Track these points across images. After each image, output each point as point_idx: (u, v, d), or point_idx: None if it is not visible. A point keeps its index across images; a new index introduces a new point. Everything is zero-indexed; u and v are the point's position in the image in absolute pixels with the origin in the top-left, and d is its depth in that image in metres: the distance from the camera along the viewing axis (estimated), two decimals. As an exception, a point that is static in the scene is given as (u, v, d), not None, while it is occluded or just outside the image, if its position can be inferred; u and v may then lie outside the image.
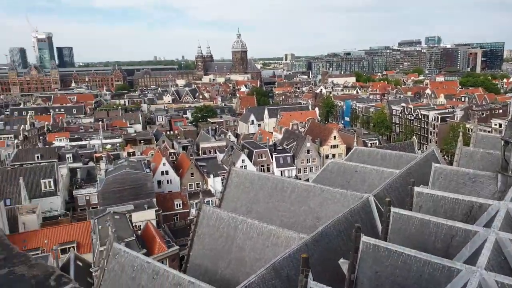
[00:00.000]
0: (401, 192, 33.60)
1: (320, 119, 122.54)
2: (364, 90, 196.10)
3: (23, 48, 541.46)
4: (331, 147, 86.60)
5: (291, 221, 33.23)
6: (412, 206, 26.73)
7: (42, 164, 64.57)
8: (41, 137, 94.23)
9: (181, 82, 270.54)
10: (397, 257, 18.58)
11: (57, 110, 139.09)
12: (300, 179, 69.20)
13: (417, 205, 26.86)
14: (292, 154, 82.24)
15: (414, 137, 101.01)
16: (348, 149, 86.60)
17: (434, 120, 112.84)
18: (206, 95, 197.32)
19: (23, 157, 72.11)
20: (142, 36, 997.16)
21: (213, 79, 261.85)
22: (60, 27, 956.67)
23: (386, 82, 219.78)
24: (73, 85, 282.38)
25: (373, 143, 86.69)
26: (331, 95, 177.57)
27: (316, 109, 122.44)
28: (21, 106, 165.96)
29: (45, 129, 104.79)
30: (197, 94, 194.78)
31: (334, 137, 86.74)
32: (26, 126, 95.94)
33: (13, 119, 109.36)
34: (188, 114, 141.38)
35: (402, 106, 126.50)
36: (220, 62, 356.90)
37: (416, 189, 27.44)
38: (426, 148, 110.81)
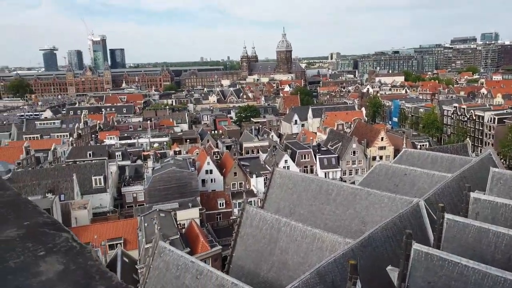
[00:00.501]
0: (454, 198, 31.68)
1: (366, 120, 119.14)
2: (414, 90, 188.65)
3: (80, 50, 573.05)
4: (378, 149, 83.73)
5: (336, 224, 32.29)
6: (468, 213, 25.05)
7: (93, 161, 67.51)
8: (93, 135, 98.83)
9: (226, 82, 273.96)
10: (452, 267, 17.34)
11: (108, 109, 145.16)
12: (345, 181, 67.46)
13: (473, 212, 25.14)
14: (337, 155, 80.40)
15: (468, 139, 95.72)
16: (396, 151, 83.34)
17: (490, 121, 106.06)
18: (250, 95, 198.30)
19: (77, 155, 75.83)
20: (190, 37, 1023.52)
21: (257, 79, 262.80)
22: (113, 29, 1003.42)
23: (437, 81, 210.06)
24: (124, 85, 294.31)
25: (423, 145, 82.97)
26: (378, 94, 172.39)
27: (363, 109, 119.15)
28: (76, 105, 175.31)
29: (97, 127, 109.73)
30: (241, 94, 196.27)
31: (382, 138, 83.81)
32: (80, 124, 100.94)
33: (69, 117, 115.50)
34: (232, 114, 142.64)
35: (455, 107, 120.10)
36: (265, 62, 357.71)
37: (472, 195, 25.71)
38: (480, 151, 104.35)
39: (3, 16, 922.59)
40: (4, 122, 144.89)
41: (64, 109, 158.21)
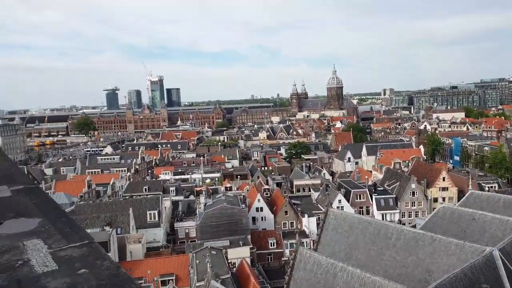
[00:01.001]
0: (533, 248, 28.48)
1: (425, 158, 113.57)
2: (476, 127, 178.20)
3: (139, 90, 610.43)
4: (440, 190, 78.51)
5: (396, 272, 30.03)
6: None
7: (149, 196, 69.37)
8: (149, 171, 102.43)
9: (276, 119, 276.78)
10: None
11: (164, 145, 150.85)
12: (404, 224, 63.68)
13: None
14: (394, 196, 76.44)
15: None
16: (460, 193, 77.80)
17: None
18: (300, 131, 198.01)
19: (134, 189, 78.54)
20: (241, 76, 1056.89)
21: (307, 116, 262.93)
22: (170, 70, 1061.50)
23: (503, 117, 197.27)
24: (179, 122, 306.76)
25: (491, 187, 76.77)
26: (437, 131, 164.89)
27: (421, 147, 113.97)
28: (135, 141, 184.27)
29: (153, 163, 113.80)
30: (291, 130, 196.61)
31: (443, 179, 78.71)
32: (138, 160, 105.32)
33: (128, 153, 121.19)
34: (282, 150, 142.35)
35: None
36: (315, 99, 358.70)
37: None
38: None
39: (74, 61, 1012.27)
40: (71, 157, 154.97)
41: (123, 145, 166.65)
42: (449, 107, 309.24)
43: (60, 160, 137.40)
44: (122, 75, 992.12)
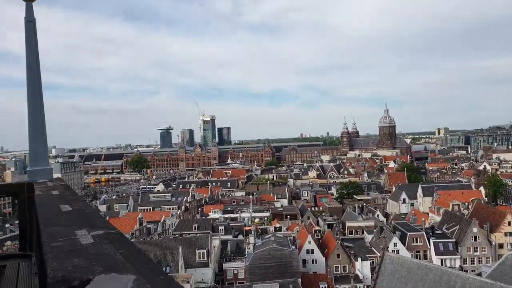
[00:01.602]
0: None
1: (486, 200, 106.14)
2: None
3: (191, 129, 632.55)
4: (505, 235, 72.66)
5: (463, 326, 27.41)
6: None
7: (198, 234, 69.66)
8: (199, 209, 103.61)
9: (326, 157, 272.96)
10: None
11: (214, 183, 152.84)
12: (467, 271, 58.78)
13: None
14: (454, 240, 71.44)
15: None
16: (529, 238, 71.89)
17: None
18: (351, 170, 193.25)
19: (183, 227, 79.37)
20: (289, 114, 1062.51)
21: (359, 155, 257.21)
22: (221, 109, 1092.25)
23: None
24: (229, 160, 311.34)
25: None
26: (498, 172, 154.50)
27: (481, 188, 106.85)
28: (186, 179, 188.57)
29: (203, 201, 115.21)
30: (342, 169, 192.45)
31: (509, 223, 72.87)
32: (188, 198, 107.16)
33: (179, 191, 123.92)
34: (333, 190, 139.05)
35: None
36: (366, 138, 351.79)
37: None
38: None
39: (131, 102, 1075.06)
40: (124, 194, 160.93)
41: (174, 182, 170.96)
42: (510, 147, 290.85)
43: (113, 197, 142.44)
44: (175, 115, 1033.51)
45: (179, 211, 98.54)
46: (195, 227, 78.40)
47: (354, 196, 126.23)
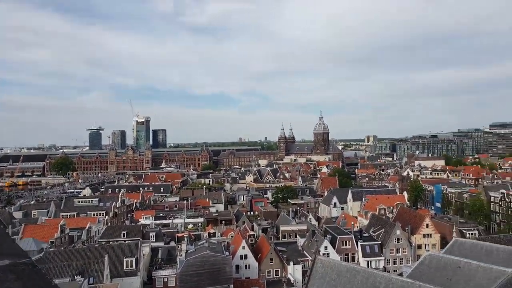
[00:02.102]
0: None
1: (409, 205, 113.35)
2: (456, 174, 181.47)
3: (124, 130, 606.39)
4: (423, 236, 77.68)
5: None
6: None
7: (126, 242, 66.09)
8: (129, 215, 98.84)
9: (263, 162, 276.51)
10: None
11: (146, 188, 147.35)
12: (390, 271, 61.75)
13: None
14: (379, 242, 74.98)
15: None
16: (443, 239, 77.46)
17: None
18: (287, 175, 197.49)
19: (111, 234, 74.97)
20: (229, 119, 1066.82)
21: (294, 159, 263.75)
22: (157, 111, 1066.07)
23: (479, 166, 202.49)
24: (163, 164, 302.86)
25: (472, 234, 76.48)
26: (419, 178, 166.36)
27: (404, 193, 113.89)
28: (115, 183, 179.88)
29: (133, 206, 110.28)
30: (278, 174, 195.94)
31: (427, 225, 77.99)
32: (117, 203, 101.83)
33: (107, 196, 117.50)
34: (269, 194, 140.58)
35: (502, 193, 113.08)
36: (302, 143, 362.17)
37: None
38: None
39: (59, 100, 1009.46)
40: (45, 199, 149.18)
41: (103, 187, 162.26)
42: (430, 155, 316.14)
43: (32, 202, 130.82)
44: (107, 115, 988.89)
45: (106, 217, 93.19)
46: (123, 234, 74.51)
47: (288, 200, 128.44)
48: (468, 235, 75.72)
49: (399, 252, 74.46)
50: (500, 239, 63.07)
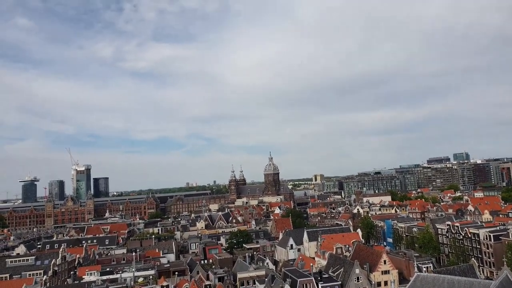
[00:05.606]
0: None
1: (363, 242, 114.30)
2: (403, 209, 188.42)
3: (62, 180, 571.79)
4: (382, 273, 77.55)
5: None
6: None
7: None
8: (71, 272, 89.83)
9: (214, 206, 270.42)
10: None
11: (89, 241, 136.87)
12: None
13: None
14: (340, 282, 73.67)
15: (473, 259, 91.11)
16: (400, 275, 77.85)
17: (486, 239, 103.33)
18: (240, 219, 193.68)
19: (51, 296, 67.10)
20: (175, 163, 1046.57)
21: (246, 202, 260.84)
22: (98, 158, 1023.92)
23: (423, 199, 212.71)
24: (107, 214, 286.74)
25: (428, 267, 77.60)
26: (369, 215, 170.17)
27: (358, 230, 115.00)
28: (54, 238, 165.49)
29: (76, 262, 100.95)
30: (231, 218, 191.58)
31: (384, 262, 78.22)
32: (58, 260, 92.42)
33: (45, 252, 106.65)
34: (223, 240, 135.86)
35: (448, 225, 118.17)
36: (252, 185, 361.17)
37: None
38: (482, 271, 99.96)
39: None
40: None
41: (40, 243, 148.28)
42: (376, 191, 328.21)
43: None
44: (44, 164, 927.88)
45: (45, 276, 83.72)
46: (65, 294, 66.96)
47: (243, 245, 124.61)
48: (424, 269, 76.58)
49: (360, 291, 73.35)
50: (454, 270, 64.86)
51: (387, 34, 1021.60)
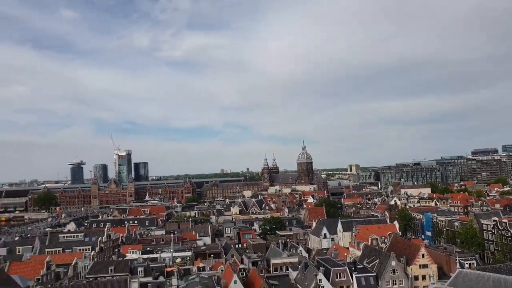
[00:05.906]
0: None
1: (400, 234, 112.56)
2: (443, 202, 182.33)
3: (105, 164, 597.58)
4: (419, 267, 76.49)
5: None
6: None
7: (115, 277, 63.27)
8: (115, 249, 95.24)
9: (247, 193, 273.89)
10: None
11: (131, 222, 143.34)
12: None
13: None
14: (375, 274, 73.55)
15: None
16: (440, 269, 76.42)
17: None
18: (273, 206, 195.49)
19: (98, 270, 71.74)
20: (211, 150, 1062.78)
21: (279, 190, 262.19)
22: (139, 144, 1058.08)
23: (466, 193, 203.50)
24: (147, 197, 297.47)
25: (470, 264, 75.57)
26: (406, 207, 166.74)
27: (395, 222, 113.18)
28: (99, 218, 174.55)
29: (120, 241, 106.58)
30: (264, 205, 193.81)
31: (423, 255, 76.97)
32: (103, 238, 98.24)
33: (92, 230, 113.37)
34: (256, 226, 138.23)
35: (494, 221, 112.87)
36: (285, 174, 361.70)
37: None
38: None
39: (40, 136, 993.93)
40: (29, 235, 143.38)
41: (87, 221, 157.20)
42: (415, 183, 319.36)
43: (16, 238, 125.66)
44: (89, 149, 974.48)
45: (93, 252, 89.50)
46: (111, 269, 71.37)
47: (277, 231, 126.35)
48: (467, 265, 74.61)
49: (395, 284, 72.91)
50: (501, 268, 61.16)
51: (424, 19, 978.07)
